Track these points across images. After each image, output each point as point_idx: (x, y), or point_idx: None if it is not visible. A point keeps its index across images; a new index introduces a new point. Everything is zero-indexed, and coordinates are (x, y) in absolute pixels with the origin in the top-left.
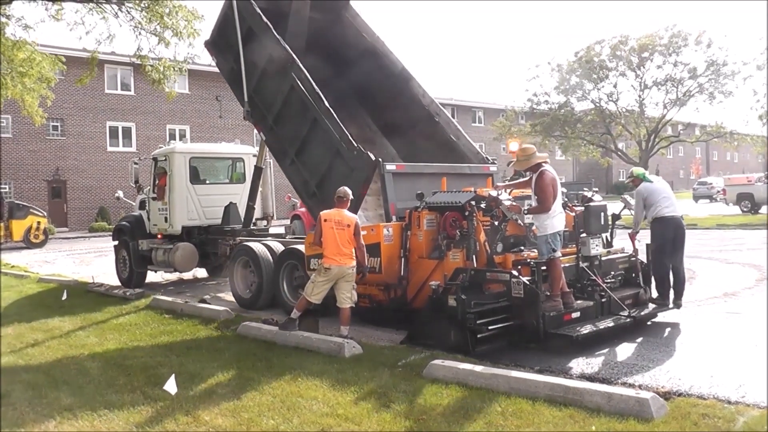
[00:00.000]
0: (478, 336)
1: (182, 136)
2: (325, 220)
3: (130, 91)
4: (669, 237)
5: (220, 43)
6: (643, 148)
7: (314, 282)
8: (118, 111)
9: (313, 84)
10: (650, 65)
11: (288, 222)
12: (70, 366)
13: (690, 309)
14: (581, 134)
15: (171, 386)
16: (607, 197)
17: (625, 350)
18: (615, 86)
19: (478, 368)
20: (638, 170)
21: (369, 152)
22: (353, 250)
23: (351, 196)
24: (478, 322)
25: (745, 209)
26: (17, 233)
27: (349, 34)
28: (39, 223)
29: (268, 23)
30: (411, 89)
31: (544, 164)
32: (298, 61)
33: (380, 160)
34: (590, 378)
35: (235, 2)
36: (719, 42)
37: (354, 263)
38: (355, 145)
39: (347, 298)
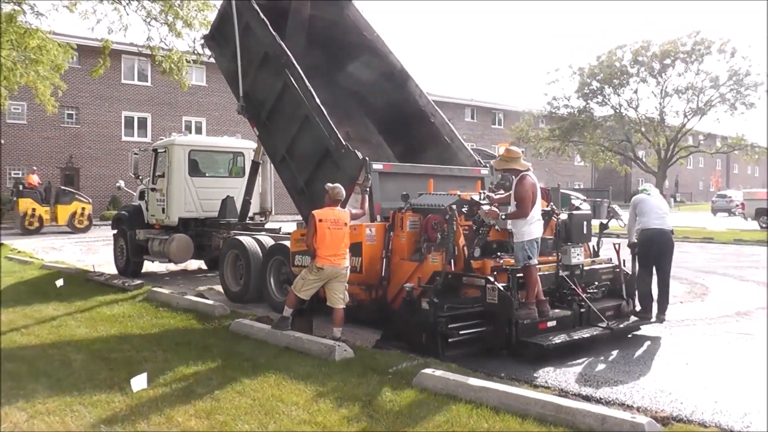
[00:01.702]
0: (449, 340)
1: (198, 129)
2: (321, 220)
3: (147, 81)
4: (652, 249)
5: (218, 38)
6: (661, 157)
7: (304, 279)
8: (134, 101)
9: (306, 81)
10: (672, 72)
11: (299, 217)
12: (55, 357)
13: (700, 327)
14: (600, 140)
15: (141, 383)
16: (624, 206)
17: (628, 368)
18: (635, 92)
19: (469, 380)
20: (643, 186)
21: (357, 151)
22: (348, 251)
23: (343, 196)
24: (449, 326)
25: (763, 225)
26: (62, 218)
27: (350, 33)
28: (83, 209)
29: (265, 20)
30: (408, 90)
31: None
32: (291, 58)
33: (367, 159)
34: (586, 397)
35: None
36: (743, 51)
37: (348, 264)
38: (344, 143)
39: (340, 298)
